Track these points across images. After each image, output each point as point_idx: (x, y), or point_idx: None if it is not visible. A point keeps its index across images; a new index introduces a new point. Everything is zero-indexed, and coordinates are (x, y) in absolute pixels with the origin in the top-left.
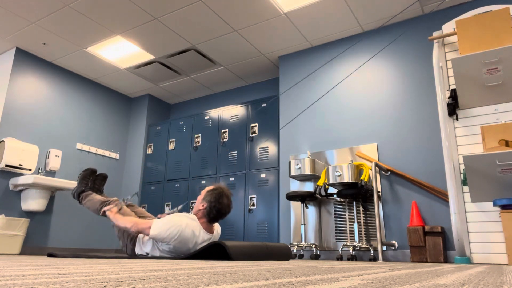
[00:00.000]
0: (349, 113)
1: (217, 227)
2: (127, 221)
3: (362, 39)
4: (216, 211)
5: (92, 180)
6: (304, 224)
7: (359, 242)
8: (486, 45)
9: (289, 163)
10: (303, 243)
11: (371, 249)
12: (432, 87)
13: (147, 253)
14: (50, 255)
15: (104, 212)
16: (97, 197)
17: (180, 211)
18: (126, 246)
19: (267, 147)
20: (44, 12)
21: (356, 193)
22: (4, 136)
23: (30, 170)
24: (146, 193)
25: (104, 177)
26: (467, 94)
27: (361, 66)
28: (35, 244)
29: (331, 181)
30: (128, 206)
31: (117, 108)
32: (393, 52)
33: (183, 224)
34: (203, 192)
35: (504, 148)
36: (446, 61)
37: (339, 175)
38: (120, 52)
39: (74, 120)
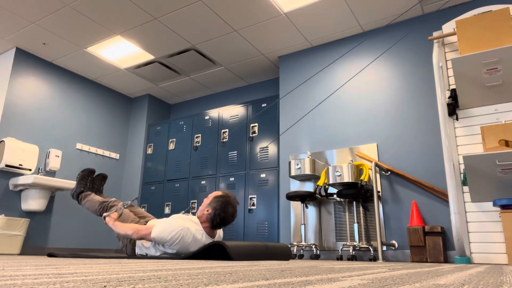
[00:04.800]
0: (349, 113)
1: (219, 231)
2: (128, 228)
3: (363, 40)
4: (220, 219)
5: (91, 180)
6: (304, 224)
7: (359, 242)
8: (486, 45)
9: (289, 163)
10: (303, 243)
11: (371, 249)
12: (432, 87)
13: (147, 254)
14: (50, 255)
15: (104, 217)
16: (96, 197)
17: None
18: (125, 246)
19: (267, 147)
20: (44, 12)
21: (356, 193)
22: (4, 136)
23: (30, 170)
24: (146, 193)
25: (103, 177)
26: (467, 94)
27: (364, 68)
28: (35, 244)
29: (331, 181)
30: (127, 206)
31: (117, 108)
32: (393, 52)
33: (185, 228)
34: (210, 196)
35: (504, 148)
36: (446, 61)
37: (339, 175)
38: (120, 52)
39: (74, 120)
